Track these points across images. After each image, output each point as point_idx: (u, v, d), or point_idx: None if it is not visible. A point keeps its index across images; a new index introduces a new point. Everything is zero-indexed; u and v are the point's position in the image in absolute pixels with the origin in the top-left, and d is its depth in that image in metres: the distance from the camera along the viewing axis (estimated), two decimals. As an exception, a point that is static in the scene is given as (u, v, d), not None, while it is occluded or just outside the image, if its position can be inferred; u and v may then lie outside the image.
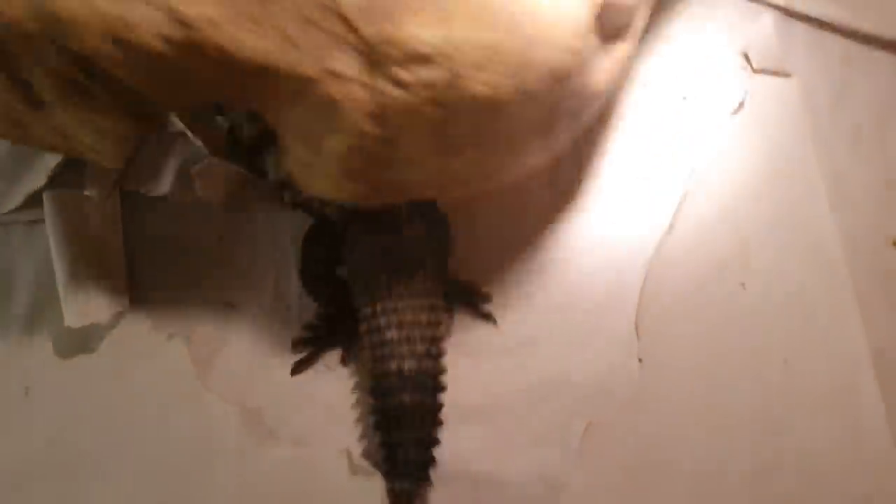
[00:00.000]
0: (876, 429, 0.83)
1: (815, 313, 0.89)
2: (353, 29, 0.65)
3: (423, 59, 0.66)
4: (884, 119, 0.98)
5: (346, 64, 0.66)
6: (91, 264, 0.90)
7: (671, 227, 0.93)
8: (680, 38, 1.02)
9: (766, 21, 1.00)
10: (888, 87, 0.99)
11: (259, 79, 0.66)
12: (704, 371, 0.88)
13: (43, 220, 0.91)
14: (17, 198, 0.93)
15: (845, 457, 0.83)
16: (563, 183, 0.96)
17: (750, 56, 1.01)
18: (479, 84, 0.68)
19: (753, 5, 1.03)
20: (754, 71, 1.01)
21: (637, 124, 0.99)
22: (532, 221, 0.95)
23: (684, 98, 0.99)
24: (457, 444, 0.84)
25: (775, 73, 1.00)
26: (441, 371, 0.82)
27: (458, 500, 0.83)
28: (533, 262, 0.92)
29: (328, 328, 0.88)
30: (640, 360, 0.88)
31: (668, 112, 0.99)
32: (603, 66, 0.80)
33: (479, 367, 0.88)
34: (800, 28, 1.02)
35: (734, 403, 0.86)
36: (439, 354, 0.82)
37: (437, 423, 0.81)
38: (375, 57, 0.65)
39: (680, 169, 0.96)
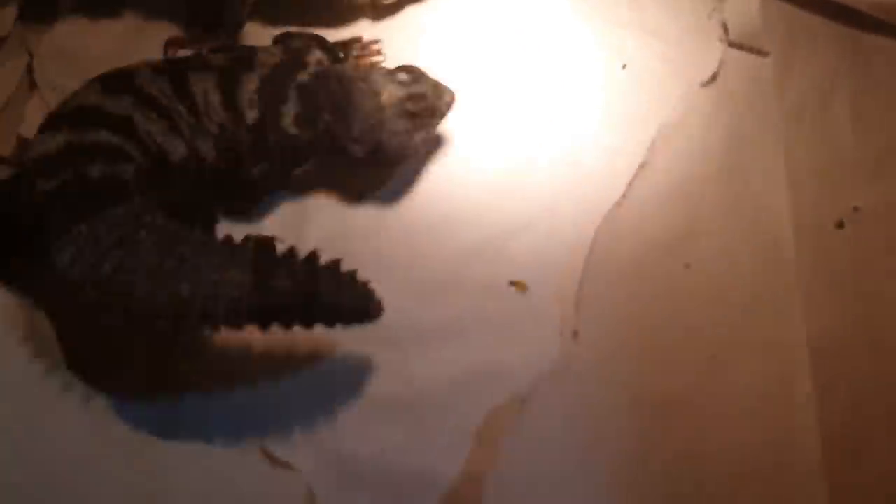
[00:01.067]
0: (805, 428, 0.80)
1: (755, 304, 0.85)
2: None
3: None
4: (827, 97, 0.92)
5: None
6: None
7: (624, 197, 0.88)
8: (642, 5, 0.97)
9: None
10: (835, 64, 0.93)
11: None
12: (638, 350, 0.84)
13: None
14: None
15: (770, 454, 0.79)
16: (506, 150, 0.91)
17: (728, 28, 0.95)
18: None
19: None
20: (730, 44, 0.95)
21: (594, 88, 0.94)
22: (465, 195, 0.89)
23: (624, 66, 0.95)
24: (379, 442, 0.80)
25: (751, 50, 0.95)
26: None
27: (379, 497, 0.78)
28: (467, 241, 0.87)
29: None
30: (575, 333, 0.83)
31: (632, 78, 0.94)
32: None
33: (405, 359, 0.83)
34: (784, 7, 0.96)
35: (663, 387, 0.82)
36: None
37: None
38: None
39: (640, 138, 0.91)
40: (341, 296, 0.71)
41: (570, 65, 0.94)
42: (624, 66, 0.94)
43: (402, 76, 0.81)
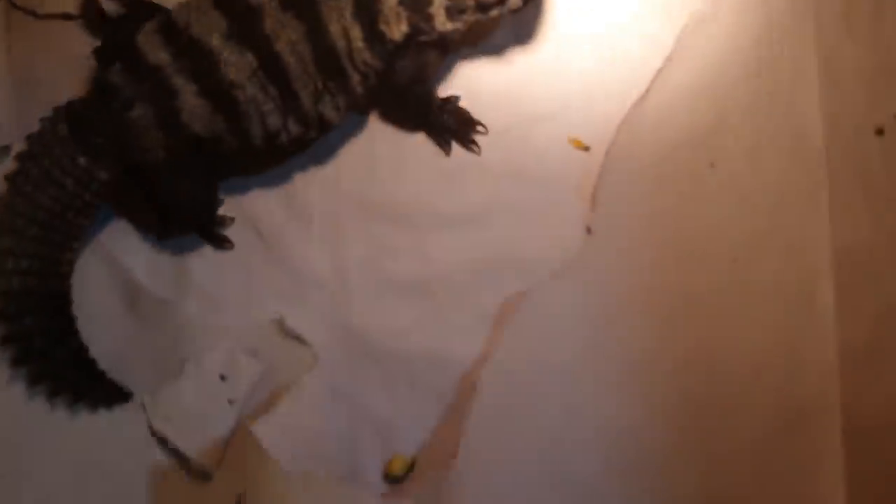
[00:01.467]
0: (823, 336, 0.80)
1: (781, 206, 0.84)
2: None
3: None
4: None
5: None
6: None
7: (647, 91, 0.86)
8: None
9: None
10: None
11: None
12: (657, 249, 0.83)
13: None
14: None
15: (785, 359, 0.80)
16: (529, 39, 0.87)
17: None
18: None
19: None
20: (769, -67, 0.90)
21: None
22: (492, 78, 0.86)
23: None
24: (393, 320, 0.80)
25: (791, -59, 0.90)
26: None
27: (393, 377, 0.79)
28: (490, 125, 0.84)
29: None
30: (588, 230, 0.82)
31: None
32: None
33: (423, 241, 0.82)
34: None
35: (680, 286, 0.82)
36: None
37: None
38: None
39: (665, 29, 0.87)
40: None
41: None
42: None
43: None
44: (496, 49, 0.86)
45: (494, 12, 0.77)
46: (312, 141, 0.77)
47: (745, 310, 0.82)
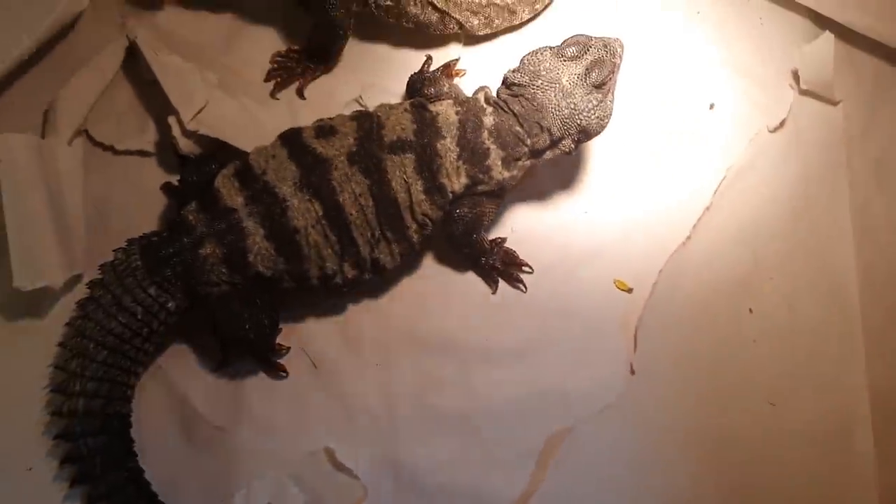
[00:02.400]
0: (863, 479, 0.81)
1: (817, 351, 0.86)
2: None
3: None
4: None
5: None
6: (47, 219, 0.80)
7: (688, 239, 0.89)
8: (729, 47, 0.97)
9: (824, 42, 0.95)
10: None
11: None
12: (695, 390, 0.85)
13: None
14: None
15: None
16: (574, 183, 0.92)
17: (799, 75, 0.96)
18: None
19: (810, 24, 0.98)
20: (801, 92, 0.96)
21: (665, 128, 0.94)
22: (538, 218, 0.90)
23: (711, 107, 0.95)
24: (438, 454, 0.82)
25: (822, 98, 0.96)
26: None
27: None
28: (536, 264, 0.88)
29: None
30: (632, 372, 0.84)
31: (699, 120, 0.94)
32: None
33: (469, 375, 0.84)
34: (857, 54, 0.97)
35: (718, 427, 0.84)
36: None
37: None
38: None
39: (707, 180, 0.92)
40: None
41: (658, 101, 0.95)
42: (712, 107, 0.95)
43: (571, 50, 0.80)
44: (542, 193, 0.90)
45: (548, 156, 0.82)
46: (366, 282, 0.81)
47: (783, 452, 0.83)
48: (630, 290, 0.87)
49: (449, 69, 0.91)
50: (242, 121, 0.87)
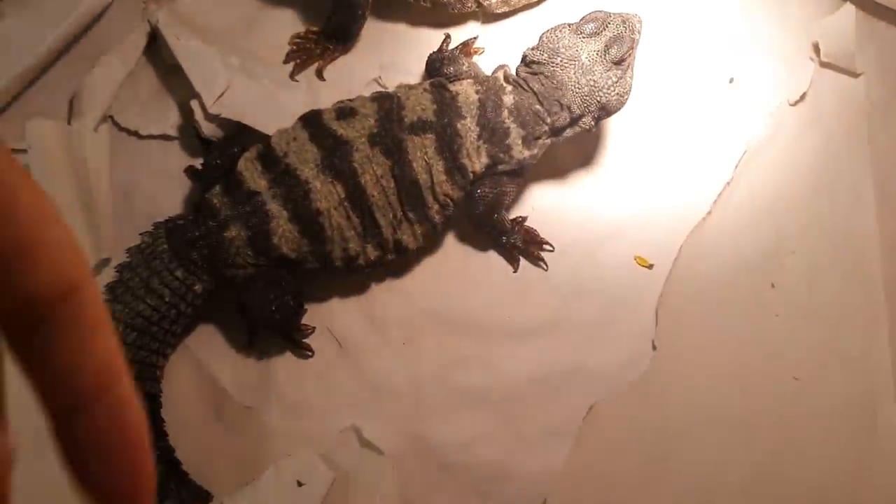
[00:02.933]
0: (890, 453, 0.81)
1: (840, 326, 0.86)
2: None
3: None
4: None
5: None
6: (75, 204, 0.81)
7: (709, 214, 0.89)
8: (750, 19, 0.97)
9: (845, 14, 0.94)
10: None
11: None
12: (717, 368, 0.85)
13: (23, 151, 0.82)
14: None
15: (851, 478, 0.81)
16: (594, 161, 0.92)
17: (820, 47, 0.95)
18: None
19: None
20: (821, 64, 0.95)
21: (685, 103, 0.94)
22: (558, 196, 0.91)
23: (731, 81, 0.94)
24: (463, 432, 0.82)
25: (843, 70, 0.95)
26: None
27: (463, 489, 0.81)
28: (557, 242, 0.88)
29: None
30: (654, 347, 0.85)
31: (719, 95, 0.94)
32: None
33: (492, 353, 0.85)
34: (878, 26, 0.96)
35: (741, 405, 0.84)
36: None
37: None
38: None
39: (727, 154, 0.92)
40: None
41: (678, 76, 0.95)
42: (731, 80, 0.94)
43: (590, 27, 0.80)
44: (562, 172, 0.91)
45: (568, 133, 0.82)
46: (389, 263, 0.82)
47: (808, 428, 0.83)
48: (651, 267, 0.88)
49: (467, 48, 0.91)
50: (263, 103, 0.87)
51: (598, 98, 0.80)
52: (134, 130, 0.89)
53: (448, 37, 0.91)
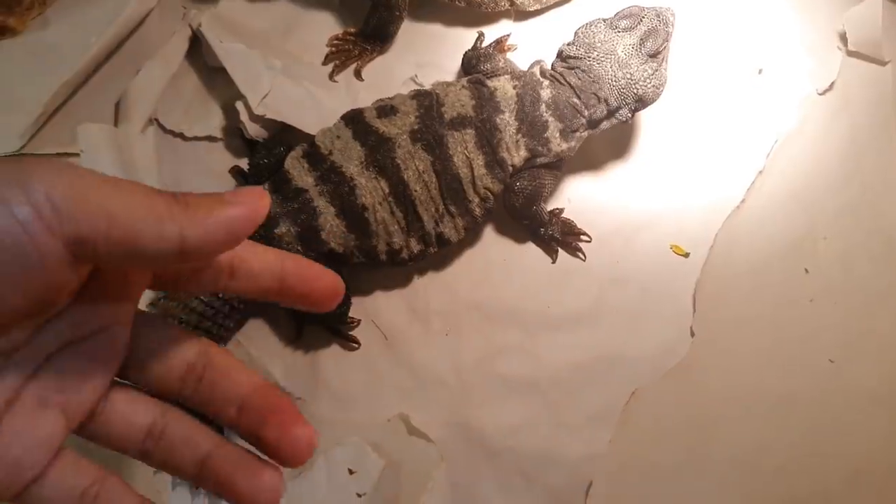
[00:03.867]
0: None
1: (874, 309, 0.88)
2: None
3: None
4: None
5: None
6: None
7: (742, 202, 0.91)
8: (777, 10, 0.98)
9: (872, 3, 0.96)
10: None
11: None
12: (754, 352, 0.87)
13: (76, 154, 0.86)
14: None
15: (888, 459, 0.82)
16: (628, 153, 0.94)
17: (847, 36, 0.97)
18: None
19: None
20: (848, 53, 0.97)
21: (715, 95, 0.96)
22: (599, 192, 0.93)
23: (760, 71, 0.96)
24: (506, 419, 0.85)
25: (870, 59, 0.97)
26: None
27: (508, 474, 0.83)
28: (594, 232, 0.90)
29: None
30: (692, 334, 0.87)
31: (748, 86, 0.96)
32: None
33: (533, 342, 0.87)
34: (904, 14, 0.98)
35: (778, 388, 0.86)
36: None
37: None
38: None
39: (758, 144, 0.94)
40: None
41: (708, 66, 0.96)
42: (760, 71, 0.96)
43: (624, 22, 0.82)
44: (597, 164, 0.93)
45: (605, 126, 0.84)
46: (431, 255, 0.84)
47: (844, 411, 0.85)
48: (687, 255, 0.90)
49: (501, 45, 0.93)
50: (305, 104, 0.90)
51: (635, 90, 0.82)
52: (179, 132, 0.91)
53: (482, 34, 0.93)
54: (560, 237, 0.88)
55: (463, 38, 0.95)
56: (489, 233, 0.90)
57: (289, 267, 0.43)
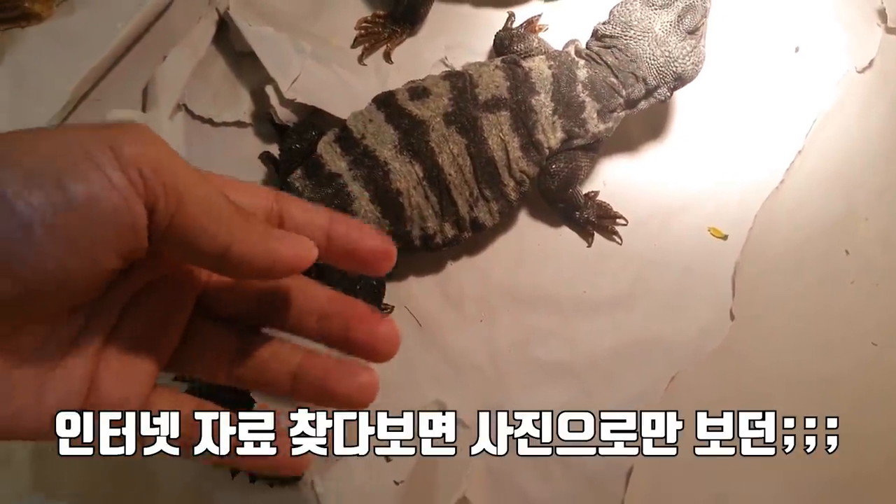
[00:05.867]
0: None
1: (917, 292, 0.86)
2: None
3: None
4: None
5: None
6: None
7: (781, 183, 0.89)
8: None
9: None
10: None
11: None
12: (795, 335, 0.85)
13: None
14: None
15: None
16: (663, 134, 0.92)
17: (886, 13, 0.94)
18: None
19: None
20: (888, 30, 0.95)
21: (752, 74, 0.94)
22: (635, 174, 0.91)
23: (797, 50, 0.94)
24: (543, 403, 0.83)
25: (910, 36, 0.95)
26: None
27: (544, 459, 0.82)
28: (630, 215, 0.89)
29: None
30: (732, 317, 0.85)
31: (785, 64, 0.94)
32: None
33: (570, 326, 0.86)
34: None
35: (819, 370, 0.84)
36: None
37: None
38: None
39: (796, 124, 0.92)
40: None
41: (744, 45, 0.95)
42: (797, 49, 0.94)
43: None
44: (633, 146, 0.91)
45: (643, 105, 0.83)
46: (465, 240, 0.83)
47: (888, 392, 0.83)
48: (725, 237, 0.88)
49: (532, 25, 0.91)
50: (335, 87, 0.88)
51: (674, 68, 0.80)
52: (208, 118, 0.90)
53: (512, 15, 0.92)
54: (596, 220, 0.87)
55: (492, 20, 0.94)
56: (523, 217, 0.89)
57: (337, 223, 0.43)
